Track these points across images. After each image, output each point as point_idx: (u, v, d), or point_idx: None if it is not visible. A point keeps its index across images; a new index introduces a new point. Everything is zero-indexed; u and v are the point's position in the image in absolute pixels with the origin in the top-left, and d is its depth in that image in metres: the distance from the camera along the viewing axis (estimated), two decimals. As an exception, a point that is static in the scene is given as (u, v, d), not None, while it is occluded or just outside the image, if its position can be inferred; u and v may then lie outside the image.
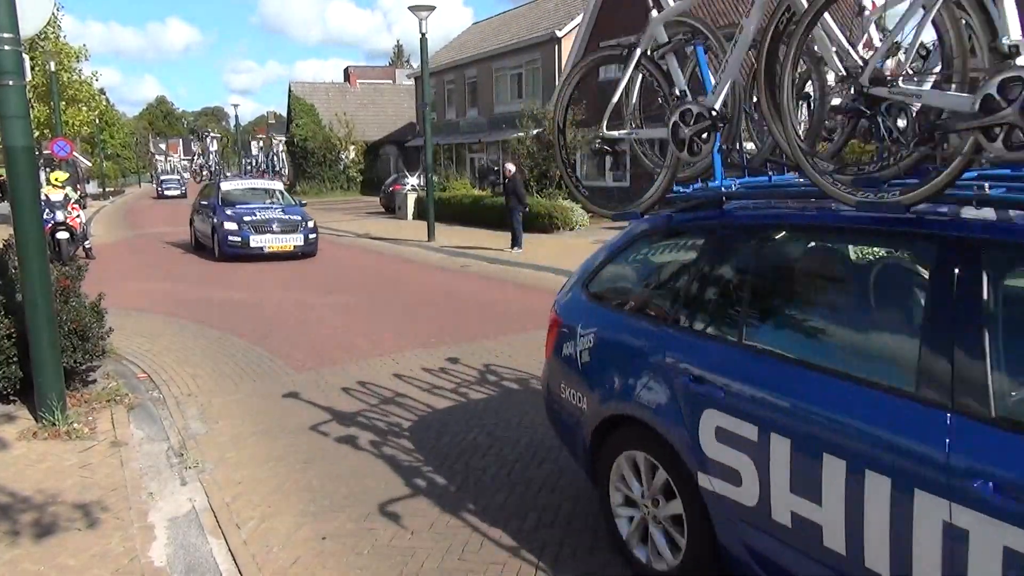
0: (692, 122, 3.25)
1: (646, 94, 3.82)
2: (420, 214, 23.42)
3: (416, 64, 43.88)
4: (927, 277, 2.53)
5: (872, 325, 2.79)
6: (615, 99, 3.69)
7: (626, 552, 3.49)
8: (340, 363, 7.34)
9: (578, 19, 26.76)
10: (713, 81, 3.35)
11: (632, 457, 3.39)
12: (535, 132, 22.06)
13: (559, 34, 28.42)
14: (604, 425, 3.50)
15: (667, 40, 3.51)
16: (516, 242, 15.85)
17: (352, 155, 47.17)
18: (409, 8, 17.37)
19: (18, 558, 3.61)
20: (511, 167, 16.88)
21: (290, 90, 49.67)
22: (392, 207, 28.55)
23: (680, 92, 3.45)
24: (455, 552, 3.71)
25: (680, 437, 3.04)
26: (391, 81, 55.25)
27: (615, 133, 3.79)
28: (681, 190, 3.56)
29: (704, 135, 3.25)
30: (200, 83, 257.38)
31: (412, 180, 28.96)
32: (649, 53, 3.55)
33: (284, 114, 54.24)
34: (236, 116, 47.53)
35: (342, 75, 58.00)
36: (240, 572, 3.60)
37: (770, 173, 3.58)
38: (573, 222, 19.62)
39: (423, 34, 17.68)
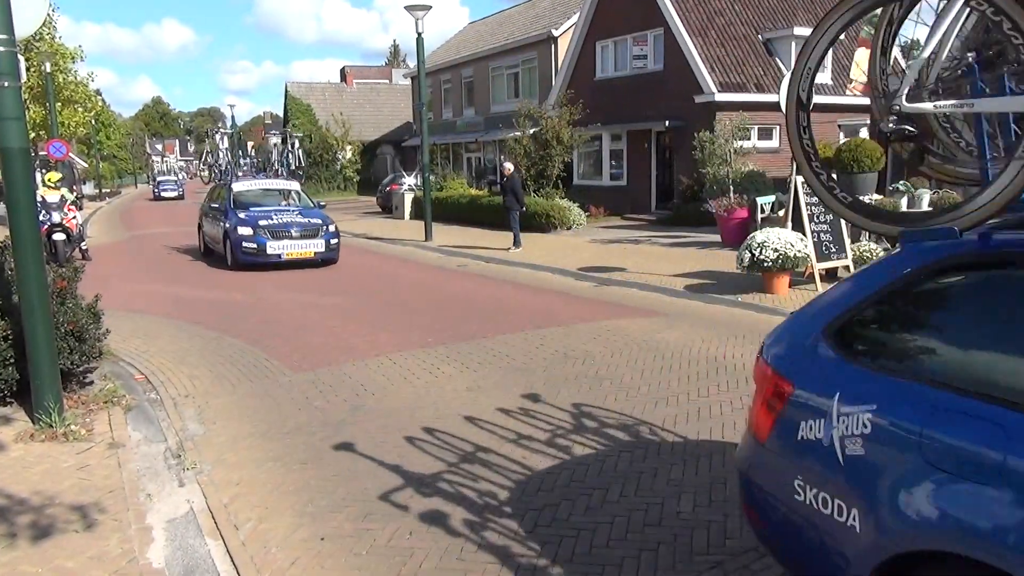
0: None
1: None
2: (417, 214, 23.46)
3: (413, 64, 43.83)
4: None
5: None
6: (925, 54, 2.61)
7: None
8: (337, 364, 7.34)
9: (574, 18, 26.76)
10: None
11: None
12: (532, 131, 22.04)
13: (555, 33, 28.50)
14: (903, 558, 2.30)
15: None
16: (515, 241, 15.87)
17: (349, 155, 47.21)
18: (405, 8, 17.37)
19: (16, 560, 3.61)
20: (509, 166, 16.94)
21: (286, 90, 49.79)
22: (389, 207, 28.56)
23: None
24: (453, 552, 3.71)
25: None
26: (387, 81, 55.40)
27: (927, 105, 2.66)
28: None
29: None
30: (196, 83, 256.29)
31: (409, 180, 28.96)
32: None
33: (281, 114, 54.27)
34: (232, 116, 47.38)
35: (338, 75, 58.16)
36: (238, 573, 3.60)
37: None
38: (570, 221, 19.63)
39: (419, 33, 17.68)
